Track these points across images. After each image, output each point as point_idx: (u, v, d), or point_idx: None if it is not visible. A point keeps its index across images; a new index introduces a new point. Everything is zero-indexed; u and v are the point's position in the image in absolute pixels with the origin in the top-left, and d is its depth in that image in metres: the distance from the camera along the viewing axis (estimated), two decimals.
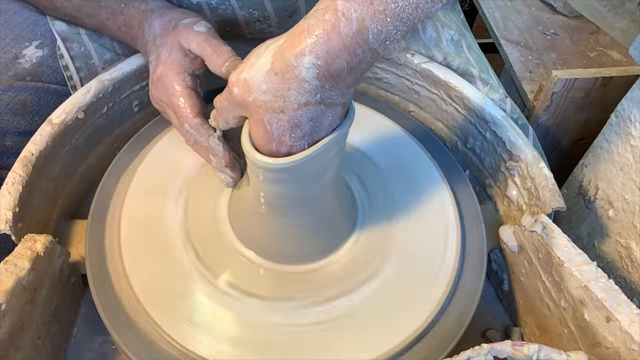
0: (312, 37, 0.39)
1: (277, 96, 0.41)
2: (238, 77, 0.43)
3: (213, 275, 0.52)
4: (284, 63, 0.40)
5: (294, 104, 0.41)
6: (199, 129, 0.54)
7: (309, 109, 0.42)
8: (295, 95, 0.41)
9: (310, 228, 0.53)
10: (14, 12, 0.73)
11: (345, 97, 0.43)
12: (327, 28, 0.38)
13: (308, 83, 0.40)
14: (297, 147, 0.44)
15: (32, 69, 0.70)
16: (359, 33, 0.38)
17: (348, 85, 0.42)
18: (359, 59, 0.40)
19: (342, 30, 0.38)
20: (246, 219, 0.54)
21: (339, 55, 0.39)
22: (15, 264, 0.46)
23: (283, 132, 0.43)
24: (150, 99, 0.60)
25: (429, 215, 0.58)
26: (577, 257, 0.49)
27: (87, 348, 0.56)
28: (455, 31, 0.74)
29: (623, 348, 0.44)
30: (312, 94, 0.41)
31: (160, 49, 0.57)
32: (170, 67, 0.56)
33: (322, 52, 0.39)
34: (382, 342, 0.49)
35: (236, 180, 0.56)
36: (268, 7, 0.65)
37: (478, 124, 0.65)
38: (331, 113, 0.44)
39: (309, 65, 0.39)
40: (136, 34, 0.61)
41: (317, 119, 0.43)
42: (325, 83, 0.40)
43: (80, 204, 0.66)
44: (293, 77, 0.40)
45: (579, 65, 0.89)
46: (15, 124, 0.67)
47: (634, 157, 0.61)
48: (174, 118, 0.57)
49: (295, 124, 0.42)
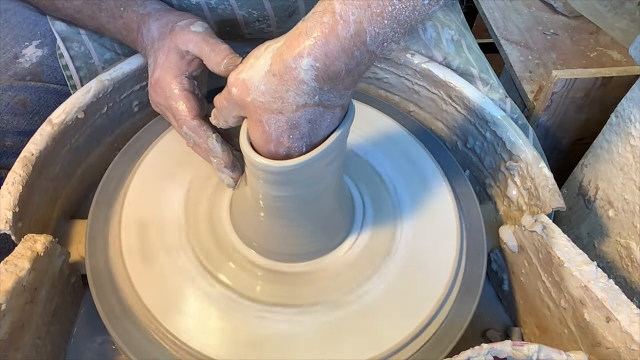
0: (311, 39, 0.39)
1: (275, 97, 0.41)
2: (237, 77, 0.44)
3: (213, 275, 0.52)
4: (283, 65, 0.40)
5: (292, 105, 0.41)
6: (197, 131, 0.54)
7: (308, 110, 0.42)
8: (294, 96, 0.41)
9: (309, 228, 0.53)
10: (14, 11, 0.73)
11: (344, 98, 0.43)
12: (325, 30, 0.39)
13: (306, 85, 0.40)
14: (296, 149, 0.44)
15: (32, 69, 0.70)
16: (357, 35, 0.38)
17: (346, 86, 0.42)
18: (357, 61, 0.40)
19: (340, 33, 0.38)
20: (245, 218, 0.54)
21: (337, 57, 0.39)
22: (15, 264, 0.46)
23: (281, 133, 0.43)
24: (150, 102, 0.60)
25: (428, 215, 0.58)
26: (577, 257, 0.49)
27: (87, 348, 0.56)
28: (455, 31, 0.74)
29: (623, 348, 0.44)
30: (310, 95, 0.41)
31: (157, 53, 0.57)
32: (167, 71, 0.56)
33: (321, 54, 0.39)
34: (382, 341, 0.49)
35: (237, 180, 0.56)
36: (267, 7, 0.65)
37: (478, 124, 0.65)
38: (329, 115, 0.44)
39: (307, 67, 0.39)
40: (135, 37, 0.61)
41: (315, 121, 0.43)
42: (323, 85, 0.41)
43: (80, 204, 0.66)
44: (291, 78, 0.40)
45: (579, 65, 0.89)
46: (15, 124, 0.67)
47: (634, 157, 0.61)
48: (173, 121, 0.57)
49: (294, 125, 0.43)
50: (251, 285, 0.52)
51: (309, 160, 0.45)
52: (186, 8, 0.64)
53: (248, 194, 0.51)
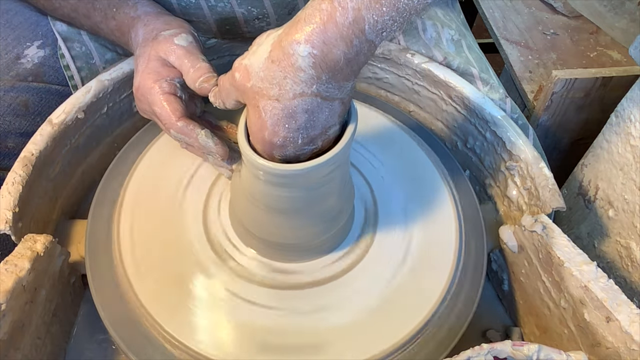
0: (309, 26, 0.39)
1: (273, 84, 0.41)
2: (241, 62, 0.44)
3: (213, 275, 0.52)
4: (281, 51, 0.40)
5: (289, 93, 0.41)
6: (184, 131, 0.54)
7: (305, 99, 0.41)
8: (291, 84, 0.41)
9: (310, 229, 0.53)
10: (15, 12, 0.73)
11: (343, 91, 0.43)
12: (324, 17, 0.39)
13: (304, 72, 0.40)
14: (291, 140, 0.44)
15: (33, 69, 0.70)
16: (355, 23, 0.38)
17: (345, 77, 0.42)
18: (356, 50, 0.40)
19: (339, 20, 0.38)
20: (244, 217, 0.54)
21: (335, 45, 0.39)
22: (15, 264, 0.46)
23: (277, 121, 0.43)
24: (138, 110, 0.60)
25: (428, 215, 0.58)
26: (577, 257, 0.49)
27: (87, 348, 0.56)
28: (456, 31, 0.74)
29: (623, 348, 0.44)
30: (307, 84, 0.41)
31: (138, 60, 0.57)
32: (147, 77, 0.55)
33: (319, 41, 0.39)
34: (382, 341, 0.49)
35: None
36: (267, 4, 0.65)
37: (478, 124, 0.65)
38: (328, 108, 0.43)
39: (305, 53, 0.39)
40: (127, 40, 0.61)
41: (312, 112, 0.43)
42: (321, 73, 0.40)
43: (80, 204, 0.66)
44: (289, 65, 0.40)
45: (579, 65, 0.89)
46: (17, 125, 0.67)
47: (634, 157, 0.61)
48: (161, 125, 0.57)
49: (290, 114, 0.42)
50: (251, 284, 0.52)
51: (307, 169, 0.45)
52: (185, 6, 0.64)
53: (245, 189, 0.51)
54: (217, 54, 0.72)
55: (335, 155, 0.45)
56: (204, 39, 0.70)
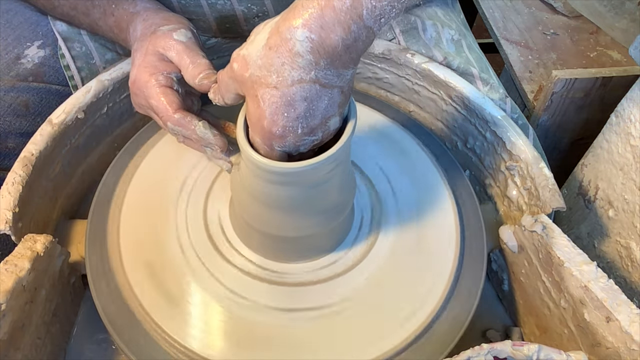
0: (306, 11, 0.39)
1: (270, 71, 0.41)
2: (238, 53, 0.44)
3: (213, 275, 0.53)
4: (279, 37, 0.40)
5: (288, 80, 0.41)
6: (181, 123, 0.54)
7: (303, 86, 0.41)
8: (289, 70, 0.40)
9: (310, 224, 0.52)
10: (15, 12, 0.73)
11: (342, 79, 0.43)
12: (322, 3, 0.38)
13: (302, 57, 0.40)
14: (290, 129, 0.43)
15: (34, 70, 0.70)
16: (353, 8, 0.38)
17: (344, 64, 0.41)
18: (354, 36, 0.39)
19: (336, 5, 0.38)
20: (244, 211, 0.54)
21: (332, 30, 0.39)
22: (15, 264, 0.46)
23: (276, 110, 0.42)
24: (134, 105, 0.60)
25: (429, 215, 0.58)
26: (577, 257, 0.49)
27: (87, 348, 0.56)
28: (456, 31, 0.74)
29: (623, 348, 0.44)
30: (306, 70, 0.40)
31: (135, 53, 0.57)
32: (143, 70, 0.55)
33: (316, 26, 0.39)
34: (382, 341, 0.49)
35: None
36: (267, 1, 0.65)
37: (478, 124, 0.65)
38: (327, 96, 0.43)
39: (302, 38, 0.39)
40: (125, 35, 0.61)
41: (312, 100, 0.42)
42: (319, 59, 0.40)
43: (80, 204, 0.66)
44: (287, 50, 0.40)
45: (579, 65, 0.89)
46: (17, 125, 0.67)
47: (634, 157, 0.61)
48: (157, 119, 0.56)
49: (289, 102, 0.42)
50: (250, 284, 0.52)
51: (307, 167, 0.44)
52: (185, 4, 0.64)
53: (245, 185, 0.51)
54: (217, 54, 0.71)
55: (334, 153, 0.45)
56: (204, 38, 0.70)
